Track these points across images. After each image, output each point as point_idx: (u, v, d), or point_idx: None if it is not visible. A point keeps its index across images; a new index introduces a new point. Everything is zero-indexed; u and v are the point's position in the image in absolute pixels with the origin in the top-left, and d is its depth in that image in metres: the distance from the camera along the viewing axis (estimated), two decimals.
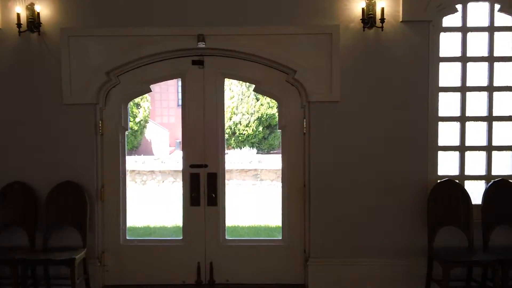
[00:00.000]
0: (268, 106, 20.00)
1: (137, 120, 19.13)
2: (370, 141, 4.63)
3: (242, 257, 4.79)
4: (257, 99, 20.01)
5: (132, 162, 13.76)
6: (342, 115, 4.62)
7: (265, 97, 20.04)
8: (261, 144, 20.06)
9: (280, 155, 4.84)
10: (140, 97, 19.29)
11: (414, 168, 4.64)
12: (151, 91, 4.81)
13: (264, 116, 19.86)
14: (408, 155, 4.63)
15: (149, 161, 14.08)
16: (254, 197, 10.91)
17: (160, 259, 4.79)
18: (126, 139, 4.78)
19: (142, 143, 20.14)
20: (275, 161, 13.45)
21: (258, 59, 4.63)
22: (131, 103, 18.58)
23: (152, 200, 10.65)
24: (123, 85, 4.71)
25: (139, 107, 19.46)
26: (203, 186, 4.73)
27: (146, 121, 20.09)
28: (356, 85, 4.60)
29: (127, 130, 4.77)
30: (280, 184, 4.85)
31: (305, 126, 4.68)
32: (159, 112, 22.54)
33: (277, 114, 17.51)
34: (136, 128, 19.07)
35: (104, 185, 4.73)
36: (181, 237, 4.86)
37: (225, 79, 4.77)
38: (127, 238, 4.85)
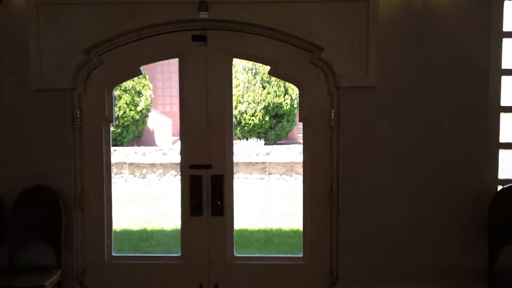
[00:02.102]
0: (275, 95, 19.34)
1: (138, 109, 18.38)
2: (415, 137, 3.72)
3: (254, 278, 3.91)
4: (264, 88, 19.35)
5: (131, 153, 12.98)
6: (379, 104, 3.70)
7: (271, 85, 19.28)
8: (267, 134, 19.41)
9: (288, 146, 3.94)
10: (142, 85, 18.64)
11: (469, 171, 3.73)
12: (141, 73, 3.90)
13: (271, 105, 19.20)
14: (461, 155, 3.72)
15: (149, 153, 13.27)
16: (263, 193, 10.02)
17: (153, 280, 3.91)
18: (111, 133, 3.89)
19: (144, 133, 19.44)
20: (284, 153, 12.63)
21: (275, 34, 3.72)
22: (131, 91, 17.93)
23: (152, 196, 9.79)
24: (106, 66, 3.80)
25: (141, 95, 18.70)
26: (206, 191, 3.84)
27: (148, 110, 19.36)
28: (398, 66, 3.68)
29: (112, 122, 3.86)
30: (290, 179, 3.97)
31: (332, 117, 3.77)
32: (161, 101, 21.75)
33: (284, 103, 16.93)
34: (137, 117, 18.38)
35: (84, 191, 3.84)
36: (179, 254, 3.97)
37: (233, 59, 3.86)
38: (113, 254, 3.96)
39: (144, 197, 9.74)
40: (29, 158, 3.74)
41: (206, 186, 3.84)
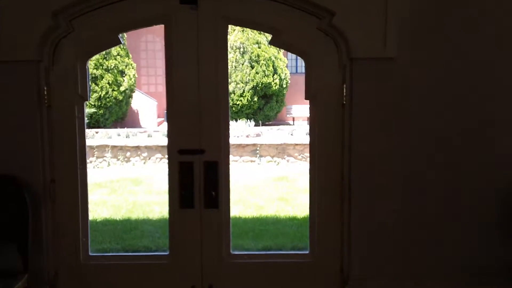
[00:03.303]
0: (264, 75, 18.75)
1: (121, 89, 17.62)
2: (439, 117, 3.21)
3: (253, 279, 3.42)
4: (252, 67, 18.73)
5: (114, 135, 12.38)
6: (400, 78, 3.18)
7: (260, 64, 18.68)
8: (256, 115, 18.88)
9: (279, 127, 3.41)
10: (125, 64, 17.86)
11: (503, 161, 3.25)
12: (120, 43, 3.32)
13: (260, 85, 18.61)
14: (494, 142, 3.24)
15: (133, 135, 12.69)
16: (254, 177, 9.52)
17: (138, 282, 3.41)
18: (85, 113, 3.32)
19: (128, 114, 18.73)
20: (275, 134, 12.15)
21: None
22: (114, 70, 17.17)
23: (136, 181, 9.24)
24: (79, 34, 3.20)
25: (124, 75, 17.92)
26: (199, 180, 3.31)
27: (132, 91, 18.61)
28: (423, 34, 3.15)
29: (87, 100, 3.29)
30: (282, 161, 3.45)
31: (344, 94, 3.25)
32: (145, 81, 21.01)
33: (273, 83, 16.34)
34: (121, 98, 17.62)
35: (55, 179, 3.29)
36: (167, 252, 3.46)
37: (229, 25, 3.31)
38: (90, 254, 3.43)
39: (127, 182, 9.18)
40: None
41: (198, 174, 3.30)
